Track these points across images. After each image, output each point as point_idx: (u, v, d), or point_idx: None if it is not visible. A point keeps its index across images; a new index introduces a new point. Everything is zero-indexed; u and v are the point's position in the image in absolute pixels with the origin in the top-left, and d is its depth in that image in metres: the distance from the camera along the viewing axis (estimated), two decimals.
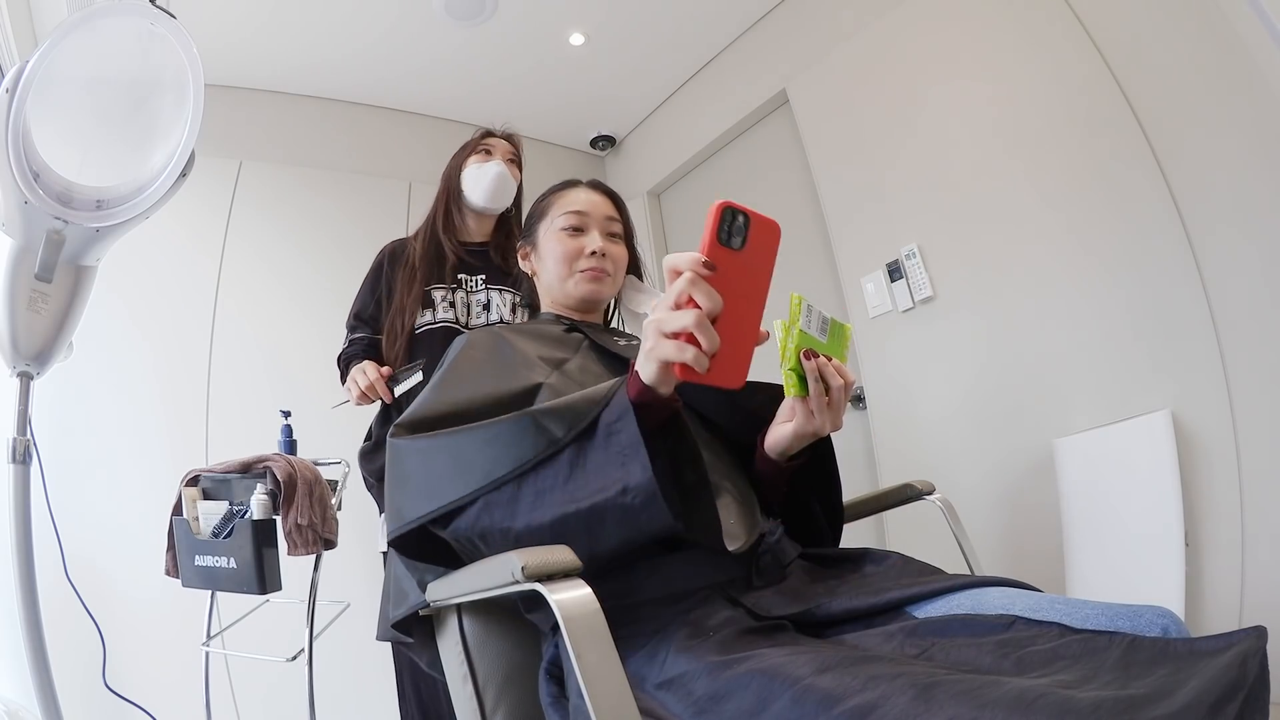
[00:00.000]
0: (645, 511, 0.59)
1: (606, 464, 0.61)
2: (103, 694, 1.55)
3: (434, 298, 1.50)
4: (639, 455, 0.59)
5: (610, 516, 0.60)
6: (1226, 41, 1.43)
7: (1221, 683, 0.41)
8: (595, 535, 0.61)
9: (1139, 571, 1.43)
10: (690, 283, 0.55)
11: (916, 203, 2.01)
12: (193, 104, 1.18)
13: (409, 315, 1.47)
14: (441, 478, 0.69)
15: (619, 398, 0.63)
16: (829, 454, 0.84)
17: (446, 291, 1.50)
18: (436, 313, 1.49)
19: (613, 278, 1.01)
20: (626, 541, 0.62)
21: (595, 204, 1.02)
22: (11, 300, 1.15)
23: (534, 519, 0.63)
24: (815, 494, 0.86)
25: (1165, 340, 1.53)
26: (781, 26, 2.48)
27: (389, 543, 0.74)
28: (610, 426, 0.62)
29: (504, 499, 0.65)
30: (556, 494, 0.62)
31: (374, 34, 2.39)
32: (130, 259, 1.81)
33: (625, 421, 0.61)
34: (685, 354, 0.55)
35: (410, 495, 0.71)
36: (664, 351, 0.57)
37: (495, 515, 0.65)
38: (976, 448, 1.86)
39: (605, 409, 0.63)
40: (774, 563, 0.74)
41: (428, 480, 0.70)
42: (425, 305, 1.49)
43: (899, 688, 0.44)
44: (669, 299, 0.57)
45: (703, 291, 0.55)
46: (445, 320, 1.48)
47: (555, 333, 0.94)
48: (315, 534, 1.44)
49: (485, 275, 1.53)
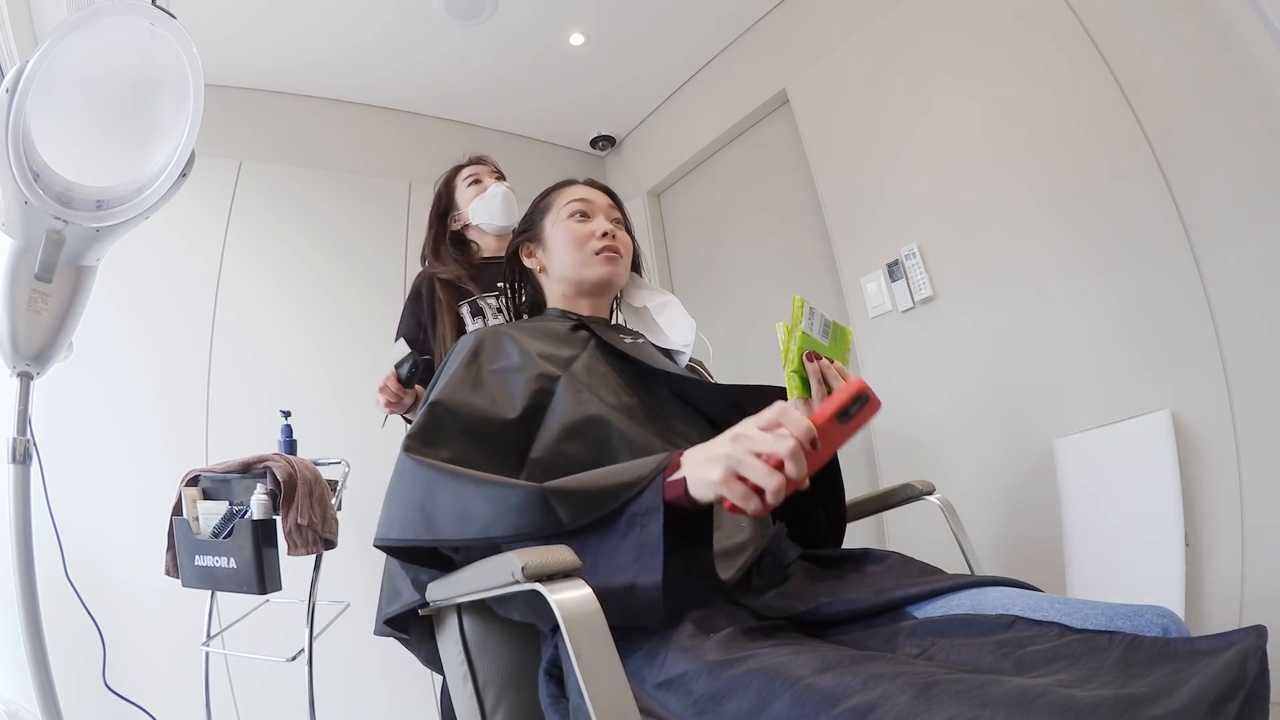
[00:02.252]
0: (644, 611, 0.60)
1: (620, 555, 0.61)
2: (103, 694, 1.55)
3: (481, 306, 1.48)
4: (655, 559, 0.60)
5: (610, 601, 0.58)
6: (1226, 42, 1.43)
7: (1221, 682, 0.41)
8: None
9: (1139, 571, 1.43)
10: (791, 454, 0.56)
11: (916, 203, 2.01)
12: (193, 104, 1.18)
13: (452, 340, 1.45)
14: (441, 514, 0.68)
15: (651, 493, 0.62)
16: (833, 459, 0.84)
17: (495, 297, 1.49)
18: (488, 318, 1.48)
19: (624, 259, 1.01)
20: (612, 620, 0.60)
21: (597, 195, 1.04)
22: (11, 300, 1.15)
23: None
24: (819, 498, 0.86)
25: (1165, 340, 1.52)
26: (781, 26, 2.47)
27: (374, 542, 0.74)
28: (636, 518, 0.62)
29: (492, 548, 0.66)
30: None
31: (374, 34, 2.39)
32: (130, 259, 1.81)
33: (652, 519, 0.61)
34: (749, 504, 0.57)
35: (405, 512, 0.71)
36: (732, 494, 0.58)
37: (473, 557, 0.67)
38: (976, 448, 1.86)
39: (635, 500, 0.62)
40: (774, 564, 0.74)
41: (426, 509, 0.69)
42: (476, 314, 1.48)
43: (899, 687, 0.44)
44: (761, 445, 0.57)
45: (797, 466, 0.56)
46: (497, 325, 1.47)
47: (561, 330, 0.94)
48: (315, 534, 1.44)
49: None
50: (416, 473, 0.71)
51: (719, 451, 0.59)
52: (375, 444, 2.17)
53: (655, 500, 0.61)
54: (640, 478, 0.63)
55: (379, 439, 2.26)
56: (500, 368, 0.84)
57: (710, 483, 0.59)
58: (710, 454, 0.60)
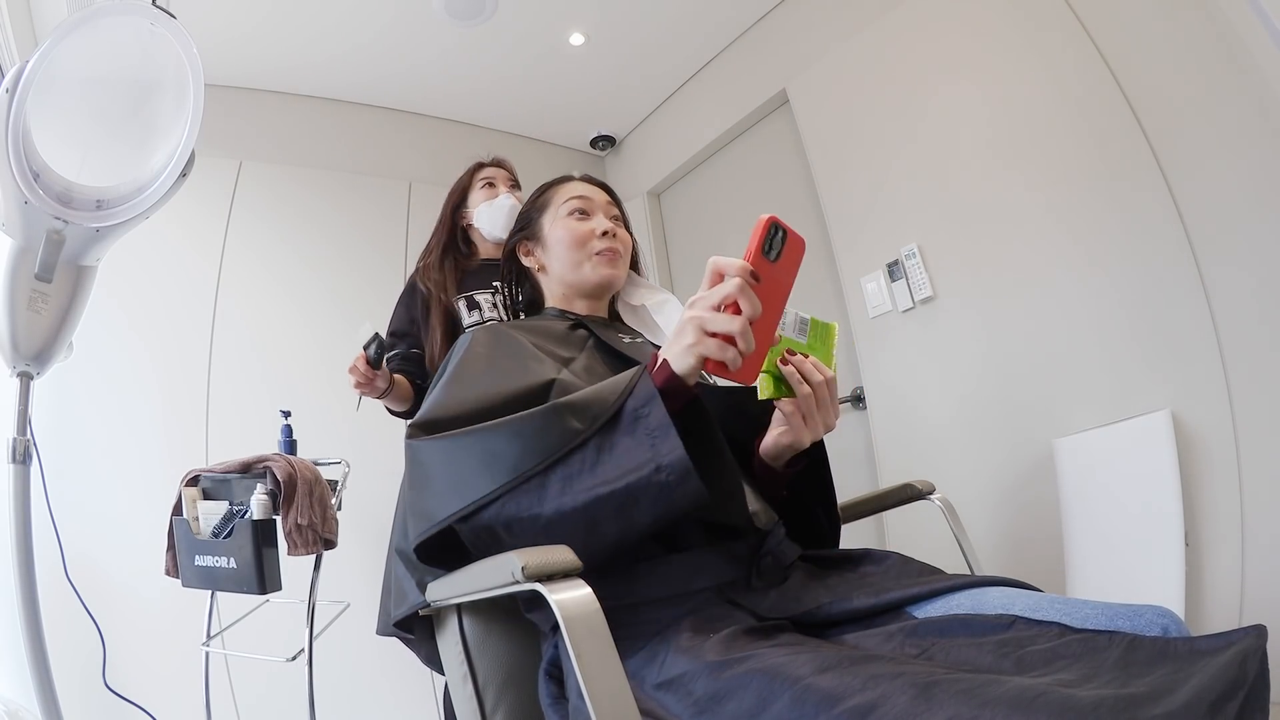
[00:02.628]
0: (680, 487, 0.60)
1: (635, 447, 0.62)
2: (103, 694, 1.55)
3: (478, 300, 1.49)
4: (669, 436, 0.61)
5: (645, 496, 0.61)
6: (1226, 42, 1.43)
7: (1221, 681, 0.41)
8: (628, 516, 0.62)
9: (1139, 571, 1.43)
10: (739, 289, 0.60)
11: (916, 203, 2.01)
12: (193, 104, 1.18)
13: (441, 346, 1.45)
14: (470, 473, 0.67)
15: (643, 385, 0.65)
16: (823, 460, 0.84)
17: (490, 294, 1.49)
18: (484, 312, 1.47)
19: (624, 259, 1.01)
20: (659, 520, 0.63)
21: (596, 193, 1.03)
22: (11, 300, 1.15)
23: (564, 504, 0.62)
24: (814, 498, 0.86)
25: (1165, 340, 1.52)
26: (781, 26, 2.48)
27: (414, 546, 0.71)
28: (636, 412, 0.63)
29: (531, 487, 0.64)
30: (585, 479, 0.63)
31: (374, 34, 2.39)
32: (130, 259, 1.81)
33: (653, 406, 0.63)
34: (726, 354, 0.60)
35: (437, 494, 0.69)
36: (707, 349, 0.61)
37: (522, 503, 0.64)
38: (976, 448, 1.86)
39: (629, 397, 0.64)
40: (774, 564, 0.74)
41: (455, 477, 0.68)
42: (471, 307, 1.48)
43: (899, 687, 0.44)
44: (713, 299, 0.61)
45: (748, 300, 0.60)
46: (493, 318, 1.47)
47: (559, 330, 0.93)
48: (315, 534, 1.44)
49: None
50: (430, 450, 0.70)
51: (682, 322, 0.63)
52: (375, 444, 2.17)
53: (648, 389, 0.64)
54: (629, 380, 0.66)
55: (379, 439, 2.26)
56: (501, 358, 0.84)
57: (685, 348, 0.62)
58: (677, 331, 0.64)
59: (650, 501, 0.61)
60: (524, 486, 0.64)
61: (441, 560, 0.72)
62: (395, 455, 0.88)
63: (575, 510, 0.62)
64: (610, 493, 0.61)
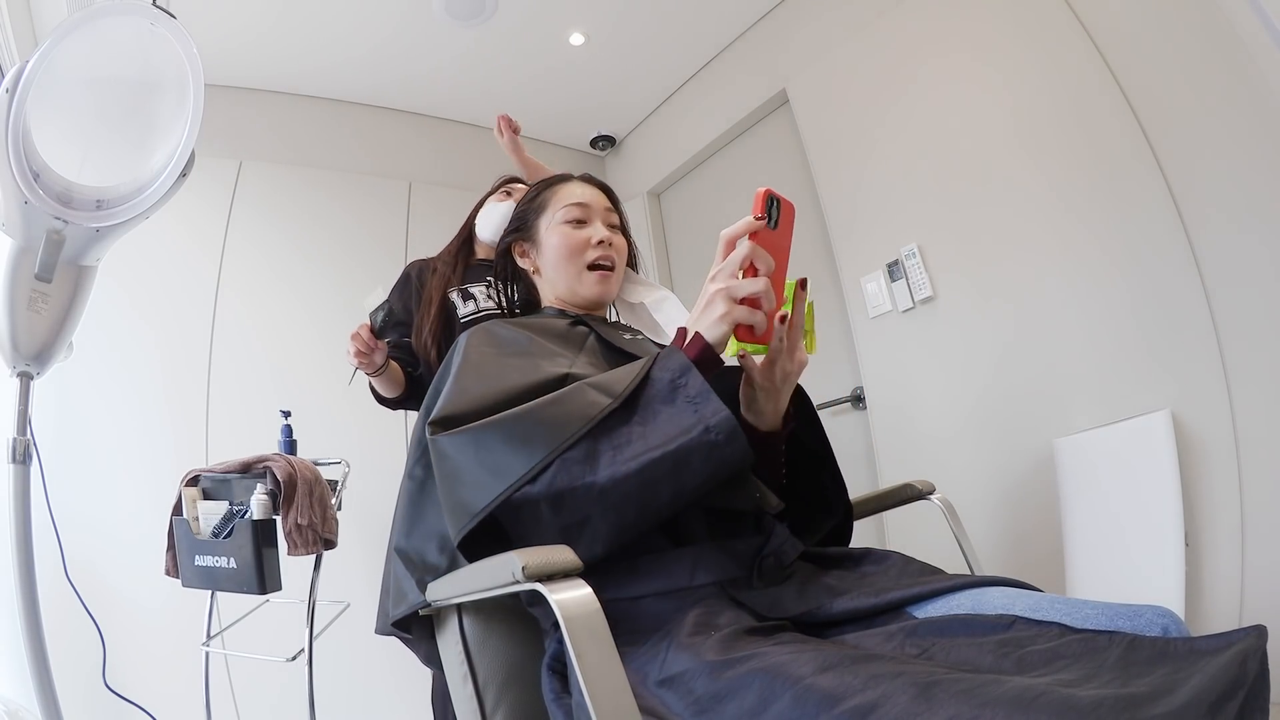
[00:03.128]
0: (729, 445, 0.63)
1: (679, 414, 0.65)
2: (103, 694, 1.55)
3: (473, 292, 1.49)
4: (711, 400, 0.64)
5: (696, 456, 0.63)
6: (1226, 42, 1.43)
7: (1221, 681, 0.41)
8: (681, 477, 0.64)
9: (1139, 571, 1.43)
10: (753, 249, 0.65)
11: (916, 203, 2.01)
12: (193, 104, 1.18)
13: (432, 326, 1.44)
14: (505, 455, 0.66)
15: (676, 357, 0.68)
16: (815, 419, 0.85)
17: (485, 286, 1.48)
18: (479, 302, 1.47)
19: (617, 270, 1.00)
20: (708, 480, 0.65)
21: (594, 196, 1.02)
22: (11, 300, 1.15)
23: (618, 470, 0.64)
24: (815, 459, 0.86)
25: (1165, 340, 1.53)
26: (781, 26, 2.48)
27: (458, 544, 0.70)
28: (674, 383, 0.67)
29: (579, 456, 0.65)
30: (636, 445, 0.64)
31: (373, 34, 2.39)
32: (130, 259, 1.81)
33: (690, 375, 0.66)
34: (755, 318, 0.65)
35: (473, 484, 0.68)
36: (739, 316, 0.65)
37: (574, 472, 0.64)
38: (976, 448, 1.86)
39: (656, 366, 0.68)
40: (776, 564, 0.74)
41: (490, 463, 0.67)
42: (466, 299, 1.48)
43: (900, 687, 0.44)
44: (733, 265, 0.66)
45: (763, 259, 0.65)
46: (488, 309, 1.45)
47: (559, 327, 0.92)
48: (315, 534, 1.44)
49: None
50: (457, 443, 0.69)
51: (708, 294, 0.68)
52: (375, 444, 2.17)
53: (683, 361, 0.67)
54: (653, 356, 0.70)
55: (379, 439, 2.26)
56: (510, 352, 0.83)
57: (718, 317, 0.66)
58: (703, 305, 0.68)
59: (702, 460, 0.64)
60: (569, 457, 0.65)
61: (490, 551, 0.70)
62: (395, 455, 0.88)
63: (630, 475, 0.63)
64: (663, 455, 0.63)
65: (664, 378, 0.67)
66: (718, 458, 0.63)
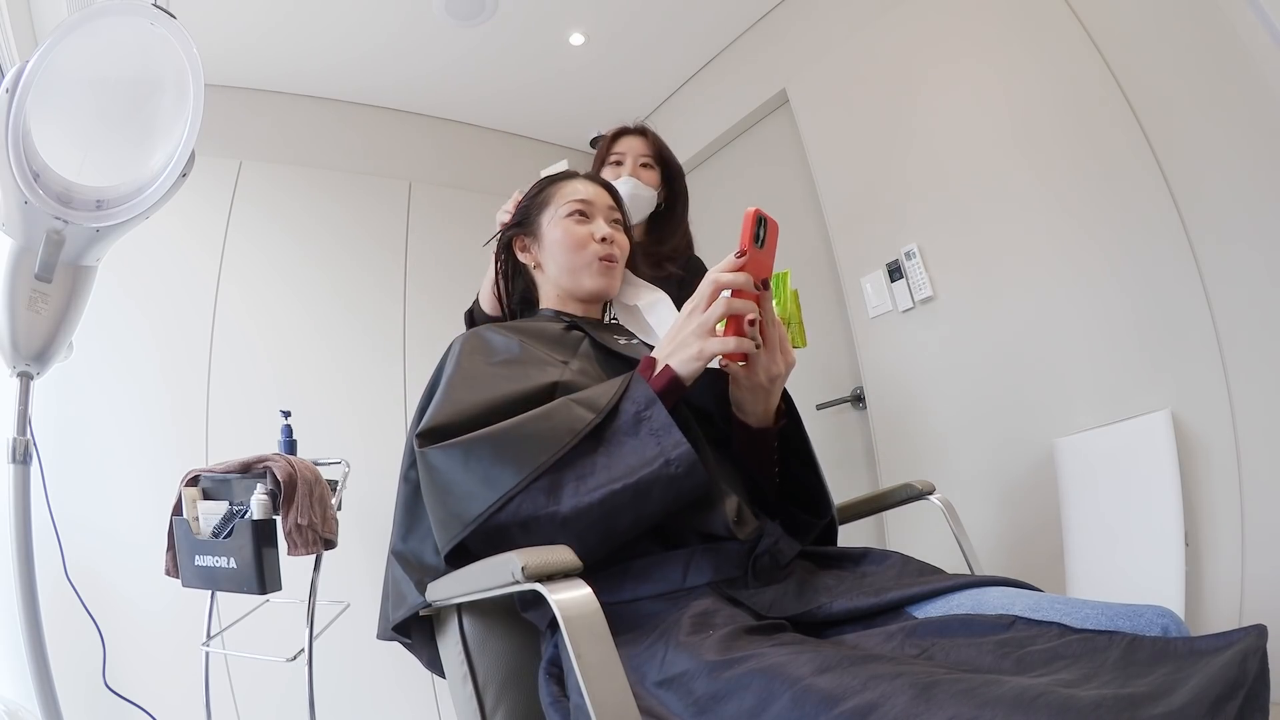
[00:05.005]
0: (688, 477, 0.67)
1: (642, 445, 0.68)
2: (103, 694, 1.55)
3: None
4: (672, 433, 0.68)
5: (656, 487, 0.67)
6: (1226, 42, 1.43)
7: (1221, 681, 0.41)
8: (641, 506, 0.67)
9: (1139, 571, 1.43)
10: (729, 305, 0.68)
11: (916, 202, 2.01)
12: (193, 104, 1.18)
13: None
14: (488, 470, 0.69)
15: (642, 389, 0.71)
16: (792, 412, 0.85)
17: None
18: None
19: (619, 265, 1.01)
20: (668, 508, 0.69)
21: (597, 193, 1.02)
22: (11, 300, 1.15)
23: (580, 501, 0.67)
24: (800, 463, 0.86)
25: (1165, 340, 1.52)
26: (781, 26, 2.47)
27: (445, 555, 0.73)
28: (638, 415, 0.70)
29: (544, 486, 0.68)
30: (599, 476, 0.68)
31: (373, 34, 2.39)
32: (130, 259, 1.81)
33: (654, 408, 0.69)
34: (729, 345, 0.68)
35: (462, 497, 0.70)
36: (714, 347, 0.69)
37: (538, 501, 0.68)
38: (976, 448, 1.86)
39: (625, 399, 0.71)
40: (772, 564, 0.74)
41: (479, 475, 0.70)
42: None
43: (899, 687, 0.44)
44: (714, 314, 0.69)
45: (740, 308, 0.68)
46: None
47: (554, 331, 0.93)
48: (315, 534, 1.44)
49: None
50: (446, 457, 0.72)
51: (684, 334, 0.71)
52: (375, 444, 2.17)
53: (648, 393, 0.70)
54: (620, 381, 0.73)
55: (379, 439, 2.26)
56: (500, 361, 0.84)
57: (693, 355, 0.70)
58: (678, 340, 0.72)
59: (661, 491, 0.67)
60: (536, 486, 0.68)
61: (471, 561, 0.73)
62: (395, 455, 0.88)
63: (593, 505, 0.67)
64: (624, 487, 0.66)
65: (630, 409, 0.70)
66: (677, 488, 0.67)
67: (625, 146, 1.50)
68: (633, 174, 1.46)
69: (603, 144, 1.53)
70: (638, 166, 1.48)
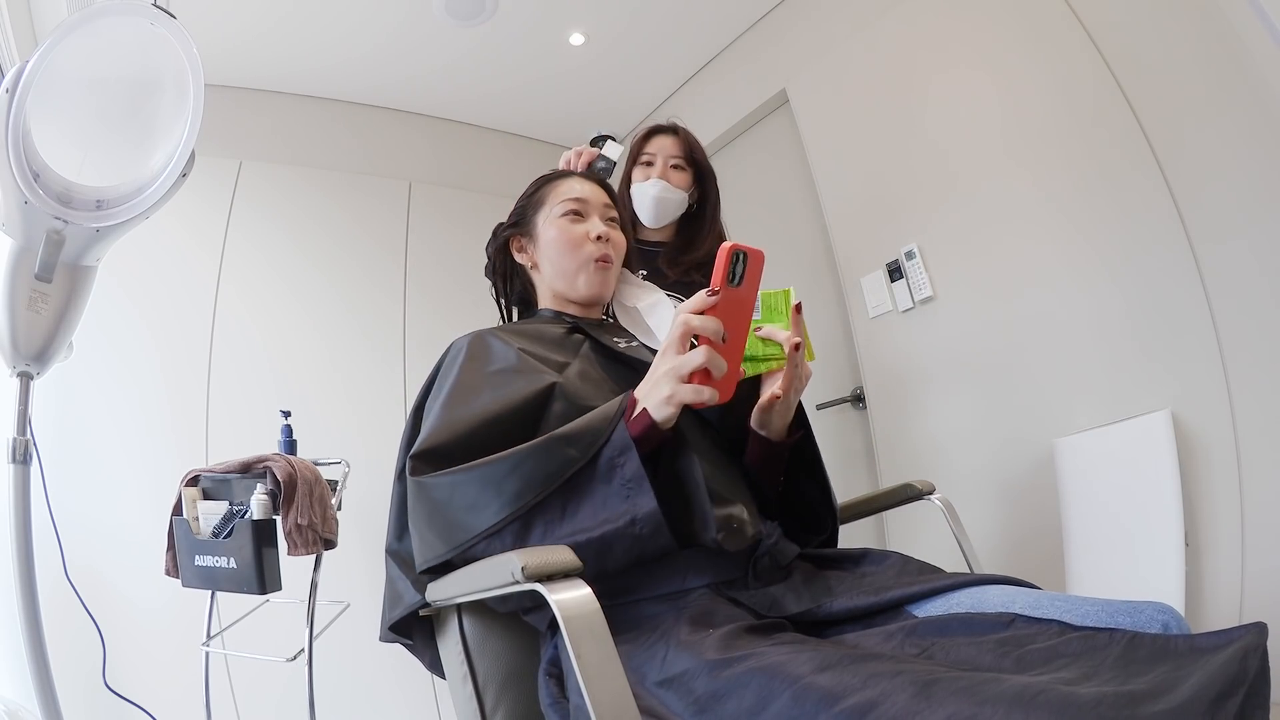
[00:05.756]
0: (652, 540, 0.65)
1: (611, 497, 0.66)
2: (103, 694, 1.55)
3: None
4: (643, 489, 0.65)
5: (619, 544, 0.66)
6: (1226, 42, 1.43)
7: (1222, 678, 0.41)
8: (604, 560, 0.66)
9: (1139, 571, 1.43)
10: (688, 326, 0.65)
11: (916, 202, 2.01)
12: (193, 104, 1.18)
13: None
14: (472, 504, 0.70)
15: (619, 434, 0.68)
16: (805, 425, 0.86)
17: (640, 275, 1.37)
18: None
19: (615, 265, 1.00)
20: (629, 564, 0.67)
21: (592, 192, 1.01)
22: (11, 300, 1.15)
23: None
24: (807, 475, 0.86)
25: (1165, 340, 1.52)
26: (781, 26, 2.47)
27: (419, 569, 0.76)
28: (612, 461, 0.67)
29: (514, 530, 0.68)
30: (566, 525, 0.67)
31: (373, 34, 2.39)
32: (130, 259, 1.81)
33: (628, 456, 0.66)
34: (702, 395, 0.65)
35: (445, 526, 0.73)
36: (685, 394, 0.65)
37: (507, 543, 0.68)
38: (976, 448, 1.86)
39: (606, 445, 0.68)
40: (772, 564, 0.75)
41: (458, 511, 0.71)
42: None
43: (899, 685, 0.44)
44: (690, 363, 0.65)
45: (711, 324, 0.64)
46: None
47: (554, 334, 0.93)
48: (315, 534, 1.43)
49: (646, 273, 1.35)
50: (434, 486, 0.73)
51: (657, 375, 0.67)
52: (375, 444, 2.17)
53: (624, 439, 0.67)
54: (607, 418, 0.69)
55: (379, 439, 2.26)
56: (496, 370, 0.84)
57: (664, 399, 0.66)
58: (652, 381, 0.68)
59: (624, 549, 0.66)
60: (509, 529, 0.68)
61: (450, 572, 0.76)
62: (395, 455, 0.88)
63: None
64: (588, 540, 0.65)
65: (606, 455, 0.68)
66: (639, 549, 0.66)
67: (656, 146, 1.46)
68: (663, 175, 1.43)
69: (635, 142, 1.50)
70: (668, 168, 1.44)
